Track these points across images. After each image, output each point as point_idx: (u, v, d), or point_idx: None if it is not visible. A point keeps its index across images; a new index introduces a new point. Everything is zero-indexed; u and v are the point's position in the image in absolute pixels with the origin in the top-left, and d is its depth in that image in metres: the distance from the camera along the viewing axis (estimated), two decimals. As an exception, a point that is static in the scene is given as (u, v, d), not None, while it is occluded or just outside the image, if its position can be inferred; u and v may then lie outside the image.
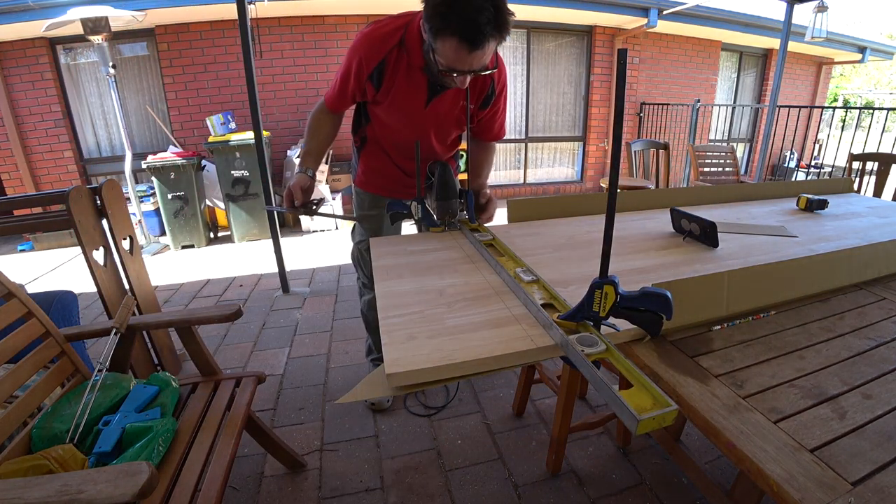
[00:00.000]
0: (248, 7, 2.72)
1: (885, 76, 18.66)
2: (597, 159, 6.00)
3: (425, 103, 1.30)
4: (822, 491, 0.54)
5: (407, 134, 1.40)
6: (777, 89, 3.71)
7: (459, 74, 1.12)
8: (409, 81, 1.25)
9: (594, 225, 1.45)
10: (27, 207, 2.53)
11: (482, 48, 1.04)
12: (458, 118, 1.40)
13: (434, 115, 1.34)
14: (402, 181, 1.55)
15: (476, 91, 1.33)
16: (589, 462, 1.51)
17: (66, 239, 4.31)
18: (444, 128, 1.42)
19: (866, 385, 0.73)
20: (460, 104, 1.34)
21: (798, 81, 7.33)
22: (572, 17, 5.05)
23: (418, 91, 1.28)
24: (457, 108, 1.35)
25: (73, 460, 0.91)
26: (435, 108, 1.32)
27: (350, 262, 1.80)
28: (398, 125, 1.39)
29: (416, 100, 1.30)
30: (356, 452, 1.59)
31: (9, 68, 4.35)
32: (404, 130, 1.40)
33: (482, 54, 1.06)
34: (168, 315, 1.37)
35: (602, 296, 0.73)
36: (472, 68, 1.10)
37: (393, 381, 0.71)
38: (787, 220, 1.51)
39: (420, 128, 1.39)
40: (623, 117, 0.65)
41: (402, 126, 1.39)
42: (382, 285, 1.01)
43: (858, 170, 2.82)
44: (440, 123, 1.39)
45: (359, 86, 1.29)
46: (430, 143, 1.44)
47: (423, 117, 1.35)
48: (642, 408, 0.58)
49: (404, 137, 1.42)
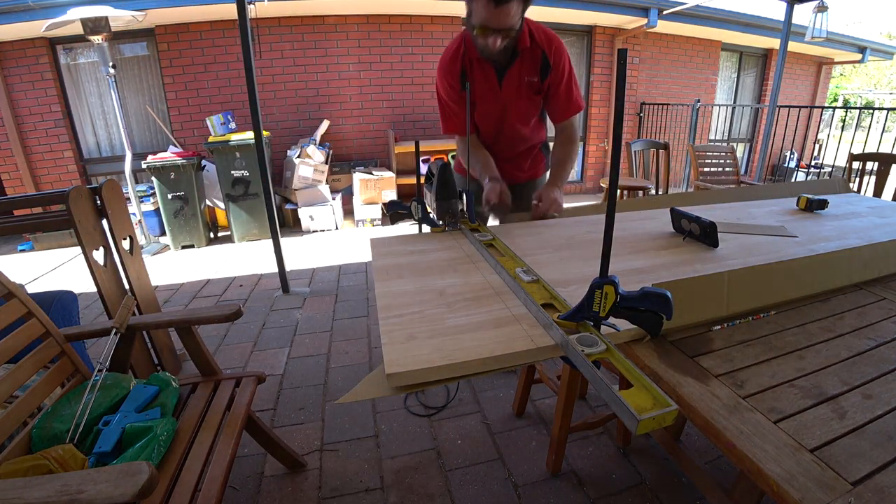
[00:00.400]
0: (248, 7, 2.72)
1: (885, 76, 18.66)
2: (597, 159, 6.01)
3: (499, 84, 1.50)
4: (822, 491, 0.54)
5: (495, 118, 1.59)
6: (777, 89, 3.71)
7: (492, 35, 1.31)
8: (482, 71, 1.50)
9: (594, 225, 1.45)
10: (27, 207, 2.52)
11: (506, 4, 1.24)
12: (529, 94, 1.54)
13: (508, 92, 1.52)
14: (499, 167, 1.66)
15: (533, 64, 1.49)
16: (589, 462, 1.51)
17: (66, 239, 4.31)
18: (520, 104, 1.56)
19: (866, 385, 0.73)
20: (525, 79, 1.50)
21: (798, 81, 7.33)
22: (572, 16, 5.05)
23: (489, 75, 1.50)
24: (524, 83, 1.51)
25: (73, 460, 0.91)
26: (508, 86, 1.51)
27: (350, 262, 1.80)
28: (488, 110, 1.57)
29: (491, 83, 1.51)
30: (356, 452, 1.59)
31: (9, 68, 4.35)
32: (493, 114, 1.58)
33: (507, 10, 1.25)
34: (168, 315, 1.37)
35: (602, 296, 0.73)
36: (501, 26, 1.29)
37: (393, 381, 0.71)
38: (787, 220, 1.51)
39: (502, 108, 1.56)
40: (623, 117, 0.65)
41: (490, 110, 1.57)
42: (382, 285, 1.01)
43: (858, 170, 2.82)
44: (516, 100, 1.54)
45: (459, 98, 1.53)
46: (513, 125, 1.60)
47: (502, 97, 1.53)
48: (642, 408, 0.58)
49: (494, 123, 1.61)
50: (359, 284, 3.11)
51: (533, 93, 1.54)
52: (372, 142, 5.14)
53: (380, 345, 0.80)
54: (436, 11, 4.76)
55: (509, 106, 1.55)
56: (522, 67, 1.49)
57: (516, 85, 1.52)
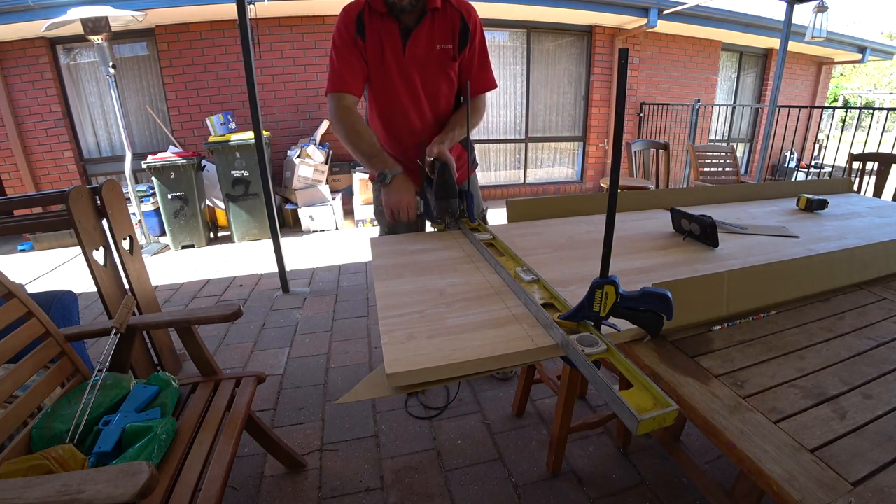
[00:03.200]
0: (248, 7, 2.72)
1: (885, 76, 18.66)
2: (597, 159, 6.00)
3: (402, 48, 1.32)
4: (822, 491, 0.54)
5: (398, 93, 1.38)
6: (777, 89, 3.71)
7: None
8: (383, 28, 1.30)
9: (594, 225, 1.45)
10: (27, 207, 2.52)
11: None
12: (441, 64, 1.36)
13: (414, 60, 1.33)
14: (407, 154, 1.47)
15: (447, 28, 1.32)
16: (589, 462, 1.51)
17: (66, 239, 4.31)
18: (429, 77, 1.37)
19: (867, 385, 0.73)
20: (437, 47, 1.32)
21: (798, 81, 7.33)
22: (572, 16, 5.05)
23: (392, 35, 1.31)
24: (434, 51, 1.33)
25: (72, 460, 0.91)
26: (413, 52, 1.32)
27: (350, 262, 1.81)
28: (388, 82, 1.37)
29: (394, 45, 1.32)
30: (356, 452, 1.59)
31: (9, 68, 4.35)
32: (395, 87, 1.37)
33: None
34: (168, 315, 1.36)
35: (602, 296, 0.73)
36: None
37: (393, 381, 0.71)
38: (787, 220, 1.51)
39: (407, 80, 1.36)
40: (624, 117, 0.65)
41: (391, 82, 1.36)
42: (382, 285, 1.01)
43: (858, 170, 2.82)
44: (423, 71, 1.35)
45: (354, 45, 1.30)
46: (421, 108, 1.40)
47: (406, 65, 1.34)
48: (643, 408, 0.58)
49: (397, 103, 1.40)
50: (359, 284, 3.11)
51: (447, 62, 1.34)
52: (372, 142, 5.14)
53: (380, 345, 0.80)
54: (436, 11, 4.75)
55: (413, 75, 1.35)
56: (434, 31, 1.30)
57: (424, 51, 1.32)
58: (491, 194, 5.65)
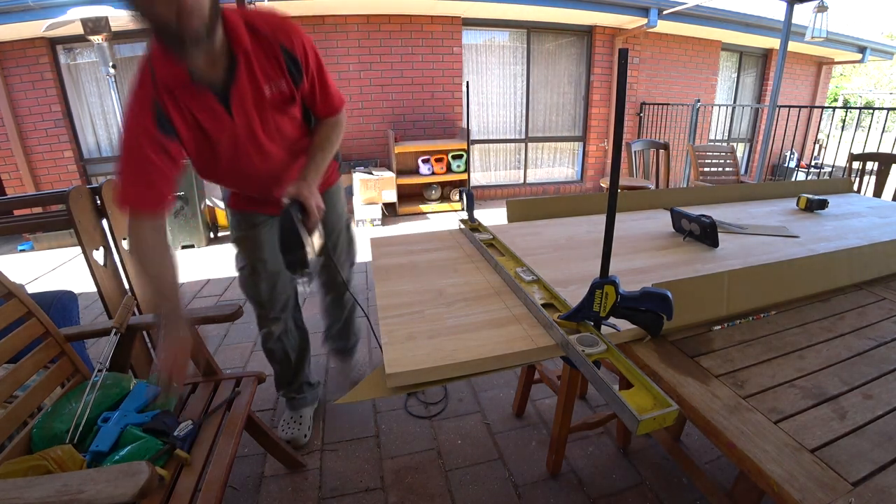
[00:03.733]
0: (248, 7, 2.72)
1: (885, 76, 18.66)
2: (597, 159, 6.00)
3: (227, 112, 1.07)
4: (822, 491, 0.54)
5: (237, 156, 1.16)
6: (777, 89, 3.71)
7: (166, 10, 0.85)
8: (194, 103, 1.05)
9: (594, 225, 1.45)
10: (27, 207, 2.52)
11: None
12: (278, 109, 1.16)
13: (246, 121, 1.11)
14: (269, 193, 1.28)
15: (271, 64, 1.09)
16: (589, 462, 1.51)
17: (66, 239, 4.30)
18: (269, 127, 1.16)
19: (866, 385, 0.73)
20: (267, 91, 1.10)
21: (798, 81, 7.33)
22: (572, 16, 5.05)
23: (208, 107, 1.06)
24: (264, 98, 1.11)
25: (71, 461, 0.91)
26: (242, 113, 1.09)
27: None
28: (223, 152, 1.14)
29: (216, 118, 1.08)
30: (356, 452, 1.59)
31: (9, 68, 4.35)
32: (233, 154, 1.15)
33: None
34: (168, 315, 1.36)
35: (602, 296, 0.73)
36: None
37: (392, 381, 0.71)
38: (787, 220, 1.51)
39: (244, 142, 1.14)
40: (624, 117, 0.65)
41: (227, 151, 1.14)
42: (382, 285, 1.01)
43: (858, 170, 2.82)
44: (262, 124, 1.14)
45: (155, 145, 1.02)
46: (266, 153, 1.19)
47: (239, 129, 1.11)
48: (643, 408, 0.58)
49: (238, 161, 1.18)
50: (359, 284, 3.11)
51: (285, 106, 1.15)
52: (372, 142, 5.14)
53: (380, 345, 0.80)
54: (436, 11, 4.75)
55: (251, 134, 1.13)
56: (255, 75, 1.07)
57: (254, 101, 1.09)
58: (491, 194, 5.65)
